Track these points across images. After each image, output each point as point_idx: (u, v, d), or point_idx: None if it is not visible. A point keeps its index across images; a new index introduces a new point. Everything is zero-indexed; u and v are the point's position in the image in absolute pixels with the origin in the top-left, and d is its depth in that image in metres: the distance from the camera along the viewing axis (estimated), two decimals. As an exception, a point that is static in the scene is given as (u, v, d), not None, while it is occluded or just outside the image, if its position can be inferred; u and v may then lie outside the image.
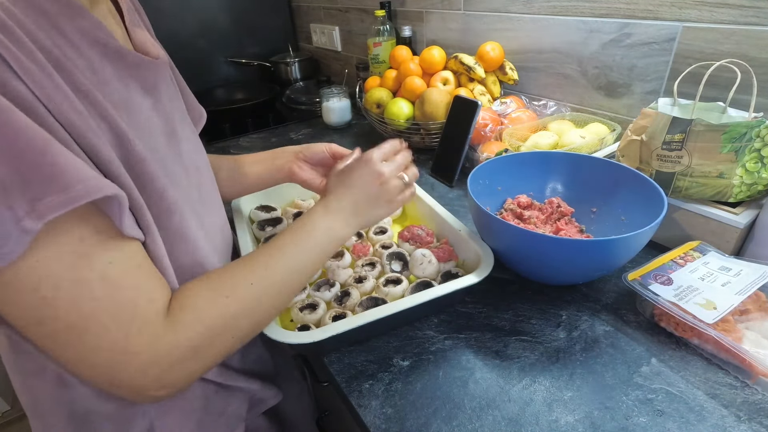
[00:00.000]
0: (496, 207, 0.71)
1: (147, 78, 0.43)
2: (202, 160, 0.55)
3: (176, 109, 0.49)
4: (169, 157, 0.45)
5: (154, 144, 0.42)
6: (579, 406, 0.45)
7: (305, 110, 1.47)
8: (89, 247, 0.33)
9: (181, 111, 0.52)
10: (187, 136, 0.51)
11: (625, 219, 0.63)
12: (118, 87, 0.39)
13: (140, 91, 0.42)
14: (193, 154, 0.52)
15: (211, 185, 0.56)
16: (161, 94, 0.45)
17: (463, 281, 0.54)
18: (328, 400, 0.79)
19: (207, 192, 0.54)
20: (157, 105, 0.44)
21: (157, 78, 0.45)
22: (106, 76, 0.38)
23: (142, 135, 0.40)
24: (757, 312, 0.50)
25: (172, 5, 1.59)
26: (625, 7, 0.79)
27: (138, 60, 0.42)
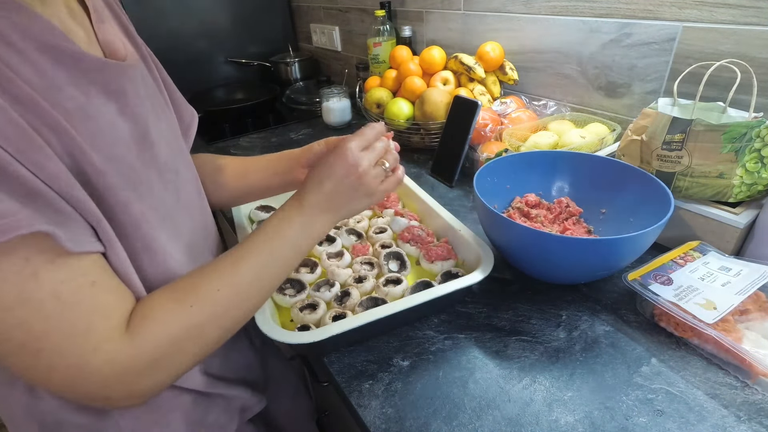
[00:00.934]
0: (503, 205, 0.71)
1: (109, 82, 0.40)
2: (182, 163, 0.52)
3: (149, 111, 0.46)
4: (138, 164, 0.42)
5: (118, 152, 0.40)
6: (579, 406, 0.45)
7: (305, 110, 1.47)
8: (36, 267, 0.32)
9: (157, 113, 0.49)
10: (164, 138, 0.48)
11: (633, 221, 0.63)
12: (73, 93, 0.36)
13: (102, 97, 0.39)
14: (170, 158, 0.49)
15: (192, 189, 0.53)
16: (128, 97, 0.42)
17: (463, 281, 0.54)
18: (328, 400, 0.79)
19: (187, 196, 0.51)
20: (124, 109, 0.42)
21: (122, 81, 0.42)
22: (59, 82, 0.35)
23: (103, 144, 0.38)
24: (757, 312, 0.50)
25: (172, 5, 1.59)
26: (625, 7, 0.79)
27: (97, 64, 0.39)
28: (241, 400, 0.58)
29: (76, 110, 0.36)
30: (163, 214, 0.45)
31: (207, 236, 0.55)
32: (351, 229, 0.73)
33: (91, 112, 0.38)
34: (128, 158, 0.41)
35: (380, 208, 0.79)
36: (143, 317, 0.38)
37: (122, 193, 0.39)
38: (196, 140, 0.62)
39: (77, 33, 0.40)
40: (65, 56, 0.36)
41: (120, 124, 0.41)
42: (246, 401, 0.59)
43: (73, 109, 0.36)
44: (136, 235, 0.41)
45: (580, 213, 0.68)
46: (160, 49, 0.60)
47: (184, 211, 0.50)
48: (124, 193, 0.39)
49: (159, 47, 1.67)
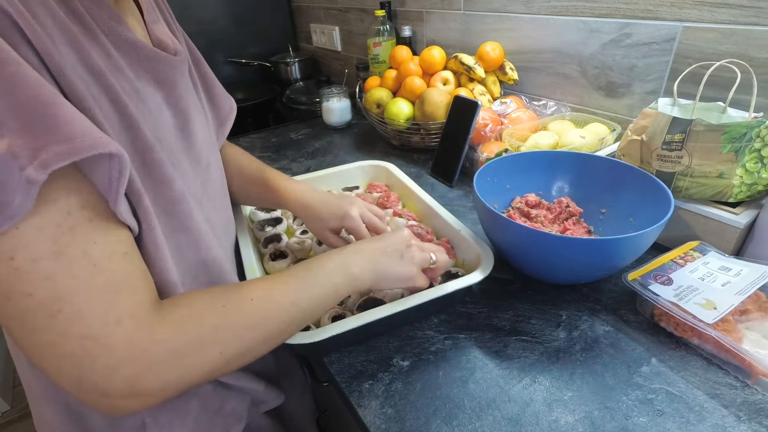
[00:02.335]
0: (503, 205, 0.71)
1: (159, 72, 0.43)
2: (214, 159, 0.55)
3: (191, 104, 0.50)
4: (178, 150, 0.45)
5: (162, 134, 0.42)
6: (579, 406, 0.45)
7: (305, 110, 1.47)
8: (75, 222, 0.31)
9: (198, 108, 0.52)
10: (201, 132, 0.51)
11: (633, 221, 0.63)
12: (130, 76, 0.39)
13: (152, 84, 0.43)
14: (205, 150, 0.52)
15: (219, 183, 0.56)
16: (174, 88, 0.46)
17: (463, 281, 0.54)
18: (328, 400, 0.79)
19: (214, 189, 0.54)
20: (169, 99, 0.45)
21: (171, 72, 0.45)
22: (120, 64, 0.38)
23: (151, 124, 0.40)
24: (757, 312, 0.50)
25: (172, 5, 1.58)
26: (625, 7, 0.79)
27: (151, 53, 0.42)
28: (257, 393, 0.59)
29: (132, 91, 0.39)
30: (196, 198, 0.47)
31: (228, 231, 0.57)
32: (351, 229, 0.73)
33: (143, 94, 0.41)
34: (171, 142, 0.44)
35: (380, 208, 0.79)
36: (178, 301, 0.38)
37: (168, 170, 0.40)
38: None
39: (135, 27, 0.44)
40: (126, 43, 0.39)
41: (165, 111, 0.44)
42: (261, 394, 0.60)
43: (130, 90, 0.39)
44: (176, 212, 0.42)
45: (581, 213, 0.68)
46: None
47: (211, 202, 0.52)
48: (168, 170, 0.40)
49: (159, 47, 1.68)
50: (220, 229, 0.54)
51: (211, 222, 0.51)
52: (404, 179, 0.81)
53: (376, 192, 0.83)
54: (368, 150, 1.13)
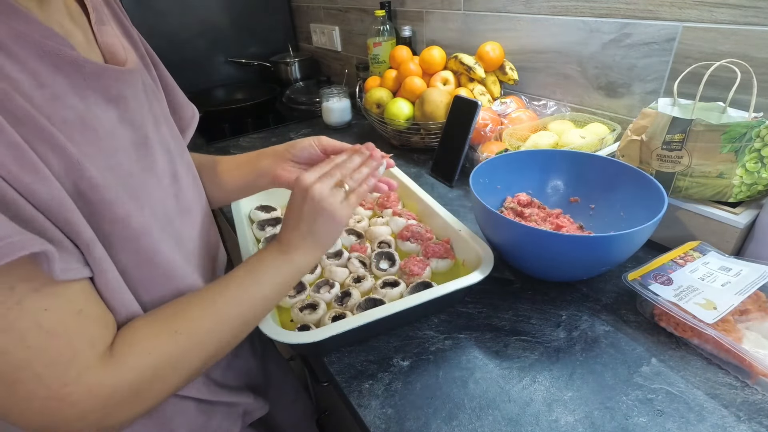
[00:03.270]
0: (495, 205, 0.71)
1: (109, 88, 0.40)
2: (182, 166, 0.51)
3: (148, 116, 0.46)
4: (137, 171, 0.42)
5: (116, 161, 0.39)
6: (579, 406, 0.45)
7: (305, 110, 1.47)
8: (21, 296, 0.31)
9: (157, 117, 0.48)
10: (164, 143, 0.48)
11: (624, 215, 0.63)
12: (73, 102, 0.36)
13: (101, 103, 0.39)
14: (170, 163, 0.48)
15: (193, 193, 0.53)
16: (128, 103, 0.42)
17: (463, 281, 0.54)
18: (328, 400, 0.79)
19: (188, 199, 0.51)
20: (124, 115, 0.41)
21: (123, 86, 0.41)
22: (58, 91, 0.35)
23: (101, 154, 0.37)
24: (757, 312, 0.50)
25: (172, 5, 1.59)
26: (625, 7, 0.79)
27: (97, 69, 0.38)
28: (243, 406, 0.58)
29: (75, 120, 0.36)
30: (163, 221, 0.45)
31: (209, 241, 0.55)
32: (351, 229, 0.73)
33: (89, 120, 0.37)
34: (127, 166, 0.40)
35: (380, 208, 0.79)
36: (129, 344, 0.37)
37: (121, 207, 0.38)
38: (196, 140, 0.62)
39: (76, 36, 0.39)
40: (65, 62, 0.36)
41: (120, 131, 0.41)
42: (248, 406, 0.59)
43: (72, 119, 0.35)
44: (136, 249, 0.40)
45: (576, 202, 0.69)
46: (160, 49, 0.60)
47: (184, 216, 0.49)
48: (123, 206, 0.38)
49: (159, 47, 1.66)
50: (200, 245, 0.52)
51: (186, 241, 0.49)
52: (404, 179, 0.81)
53: (376, 192, 0.82)
54: (368, 150, 1.12)
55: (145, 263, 0.42)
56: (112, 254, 0.38)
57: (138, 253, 0.41)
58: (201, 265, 0.52)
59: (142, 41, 0.53)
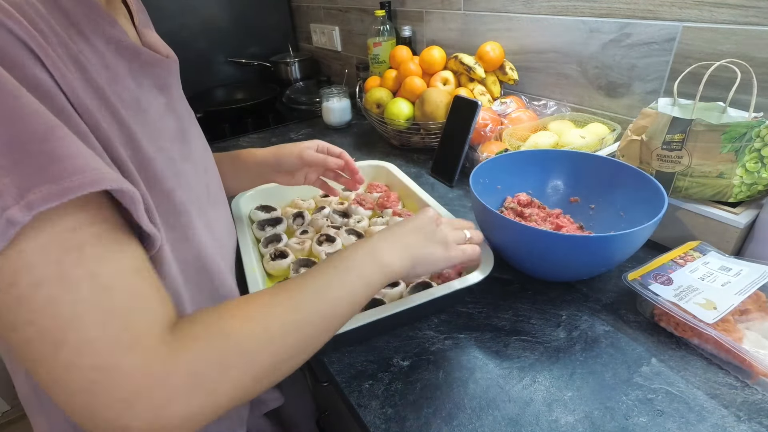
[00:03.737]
0: (495, 205, 0.71)
1: (160, 76, 0.43)
2: (209, 159, 0.55)
3: (186, 109, 0.50)
4: (179, 158, 0.44)
5: (163, 144, 0.41)
6: (579, 406, 0.45)
7: (305, 110, 1.47)
8: (81, 240, 0.29)
9: (189, 111, 0.52)
10: (197, 136, 0.52)
11: (624, 215, 0.63)
12: (130, 85, 0.39)
13: (154, 90, 0.42)
14: (203, 154, 0.52)
15: (217, 185, 0.57)
16: (173, 93, 0.46)
17: (463, 281, 0.54)
18: (328, 400, 0.79)
19: (214, 192, 0.54)
20: (170, 104, 0.45)
21: (170, 77, 0.45)
22: (119, 73, 0.38)
23: (152, 134, 0.40)
24: (757, 312, 0.50)
25: (172, 5, 1.59)
26: (625, 7, 0.79)
27: (152, 58, 0.42)
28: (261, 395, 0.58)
29: (132, 101, 0.38)
30: (198, 207, 0.46)
31: (230, 234, 0.58)
32: (351, 229, 0.73)
33: (143, 103, 0.40)
34: (171, 149, 0.43)
35: (380, 208, 0.79)
36: (192, 322, 0.34)
37: (168, 183, 0.39)
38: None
39: (129, 30, 0.43)
40: (125, 49, 0.39)
41: (167, 118, 0.44)
42: (265, 396, 0.60)
43: (129, 100, 0.38)
44: (177, 224, 0.41)
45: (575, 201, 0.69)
46: None
47: (213, 206, 0.52)
48: (169, 182, 0.40)
49: (159, 47, 1.68)
50: (223, 231, 0.54)
51: (213, 227, 0.50)
52: (404, 179, 0.81)
53: (376, 192, 0.83)
54: (368, 150, 1.13)
55: (183, 241, 0.42)
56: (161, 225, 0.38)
57: (178, 230, 0.41)
58: (225, 249, 0.54)
59: None
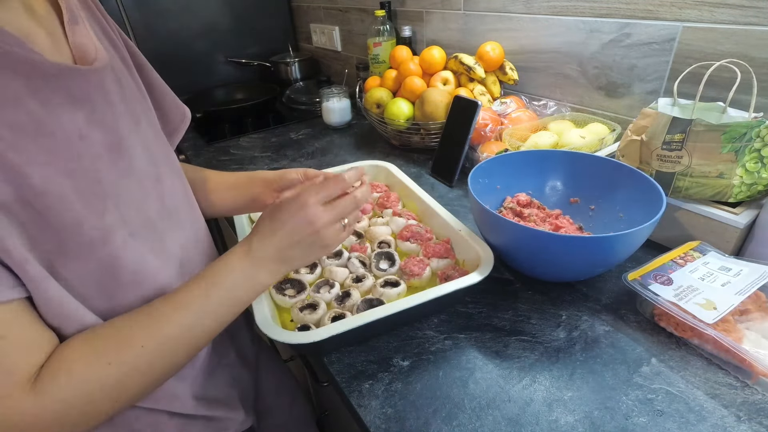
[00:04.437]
0: (494, 206, 0.71)
1: (73, 89, 0.38)
2: (165, 169, 0.50)
3: (123, 117, 0.44)
4: (111, 175, 0.40)
5: (78, 166, 0.38)
6: (579, 406, 0.45)
7: (305, 110, 1.47)
8: None
9: (137, 118, 0.46)
10: (144, 145, 0.46)
11: (623, 216, 0.63)
12: (31, 105, 0.35)
13: (66, 105, 0.37)
14: (152, 165, 0.47)
15: (179, 195, 0.51)
16: (95, 104, 0.40)
17: (464, 281, 0.54)
18: (328, 400, 0.79)
19: (173, 203, 0.49)
20: (92, 116, 0.40)
21: (87, 87, 0.40)
22: (14, 93, 0.34)
23: (57, 159, 0.36)
24: (757, 312, 0.50)
25: (172, 5, 1.59)
26: (625, 7, 0.79)
27: (56, 70, 0.37)
28: (225, 421, 0.56)
29: (29, 125, 0.34)
30: (138, 226, 0.43)
31: (198, 244, 0.53)
32: (351, 229, 0.73)
33: (49, 125, 0.36)
34: (95, 170, 0.39)
35: (380, 208, 0.79)
36: (55, 371, 0.36)
37: (71, 214, 0.37)
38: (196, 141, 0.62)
39: (37, 35, 0.38)
40: (20, 64, 0.34)
41: (89, 134, 0.39)
42: (230, 422, 0.57)
43: (26, 124, 0.34)
44: (92, 256, 0.39)
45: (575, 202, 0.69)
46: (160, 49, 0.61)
47: (169, 219, 0.48)
48: (74, 213, 0.37)
49: (159, 47, 1.68)
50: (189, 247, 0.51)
51: (170, 245, 0.47)
52: (404, 179, 0.81)
53: (376, 192, 0.83)
54: (368, 150, 1.13)
55: (106, 270, 0.40)
56: (64, 262, 0.37)
57: (93, 260, 0.39)
58: (190, 268, 0.51)
59: (126, 42, 0.51)
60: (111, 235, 0.40)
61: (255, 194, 0.63)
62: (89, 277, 0.39)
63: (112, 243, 0.40)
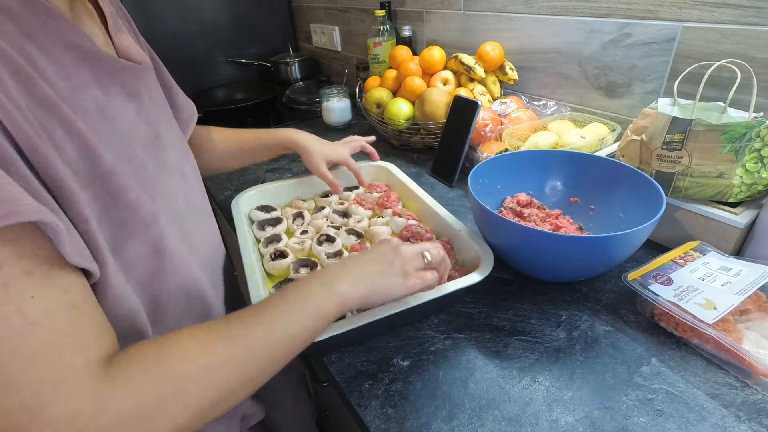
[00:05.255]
0: (494, 205, 0.71)
1: (129, 83, 0.42)
2: (188, 166, 0.54)
3: (161, 115, 0.49)
4: (151, 166, 0.44)
5: (132, 153, 0.41)
6: (579, 406, 0.45)
7: (305, 110, 1.47)
8: (9, 276, 0.27)
9: (167, 117, 0.51)
10: (173, 142, 0.50)
11: (623, 216, 0.63)
12: (95, 93, 0.38)
13: (123, 97, 0.42)
14: (179, 161, 0.51)
15: (198, 193, 0.55)
16: (143, 99, 0.45)
17: (463, 281, 0.54)
18: (328, 400, 0.79)
19: (194, 200, 0.53)
20: (141, 111, 0.44)
21: (140, 83, 0.44)
22: (82, 82, 0.37)
23: (118, 144, 0.39)
24: (757, 312, 0.50)
25: (172, 5, 1.59)
26: (625, 7, 0.79)
27: (118, 64, 0.41)
28: (241, 409, 0.57)
29: (96, 110, 0.38)
30: (172, 215, 0.46)
31: (212, 240, 0.56)
32: (351, 229, 0.73)
33: (110, 111, 0.39)
34: (143, 159, 0.43)
35: (380, 208, 0.79)
36: (133, 356, 0.32)
37: (133, 194, 0.39)
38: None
39: (97, 36, 0.42)
40: (89, 56, 0.38)
41: (137, 125, 0.43)
42: (246, 410, 0.58)
43: (93, 109, 0.37)
44: (145, 237, 0.41)
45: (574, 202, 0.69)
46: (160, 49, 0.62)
47: (191, 213, 0.51)
48: (135, 194, 0.39)
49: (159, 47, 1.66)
50: (203, 243, 0.53)
51: (192, 238, 0.50)
52: (404, 179, 0.81)
53: (376, 192, 0.83)
54: (368, 150, 1.13)
55: (153, 253, 0.42)
56: (124, 240, 0.39)
57: (146, 242, 0.41)
58: (204, 260, 0.53)
59: (149, 50, 0.57)
60: (159, 218, 0.42)
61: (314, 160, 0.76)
62: (142, 258, 0.41)
63: (160, 225, 0.43)
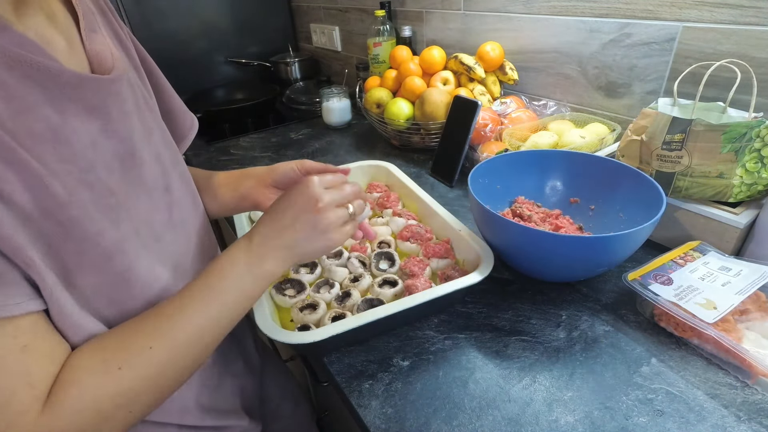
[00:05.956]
0: (494, 205, 0.71)
1: (89, 98, 0.38)
2: (176, 178, 0.49)
3: (136, 127, 0.43)
4: (122, 186, 0.40)
5: (94, 178, 0.37)
6: (579, 406, 0.45)
7: (305, 110, 1.47)
8: None
9: (149, 127, 0.46)
10: (155, 155, 0.46)
11: (624, 216, 0.63)
12: (47, 113, 0.34)
13: (81, 115, 0.37)
14: (161, 175, 0.46)
15: (188, 204, 0.51)
16: (111, 114, 0.40)
17: (463, 281, 0.54)
18: (328, 400, 0.79)
19: (181, 213, 0.49)
20: (108, 127, 0.39)
21: (104, 96, 0.39)
22: (30, 102, 0.33)
23: (74, 170, 0.36)
24: (757, 312, 0.50)
25: (172, 5, 1.59)
26: (625, 7, 0.79)
27: (75, 79, 0.36)
28: (233, 429, 0.56)
29: (47, 133, 0.34)
30: (147, 237, 0.43)
31: (201, 253, 0.53)
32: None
33: (65, 133, 0.35)
34: (108, 181, 0.39)
35: (380, 208, 0.79)
36: (66, 383, 0.34)
37: (91, 225, 0.36)
38: (196, 141, 0.61)
39: (57, 43, 0.37)
40: (38, 72, 0.33)
41: (102, 144, 0.39)
42: (238, 429, 0.57)
43: (43, 132, 0.34)
44: (107, 267, 0.38)
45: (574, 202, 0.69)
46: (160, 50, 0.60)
47: (175, 230, 0.48)
48: (94, 224, 0.36)
49: (159, 47, 1.68)
50: (191, 254, 0.50)
51: (177, 256, 0.47)
52: (404, 179, 0.81)
53: (376, 192, 0.83)
54: (368, 150, 1.13)
55: (119, 281, 0.40)
56: (80, 273, 0.36)
57: (110, 272, 0.39)
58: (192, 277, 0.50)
59: (139, 49, 0.51)
60: (125, 246, 0.39)
61: (246, 190, 0.60)
62: (102, 288, 0.39)
63: (127, 254, 0.40)
